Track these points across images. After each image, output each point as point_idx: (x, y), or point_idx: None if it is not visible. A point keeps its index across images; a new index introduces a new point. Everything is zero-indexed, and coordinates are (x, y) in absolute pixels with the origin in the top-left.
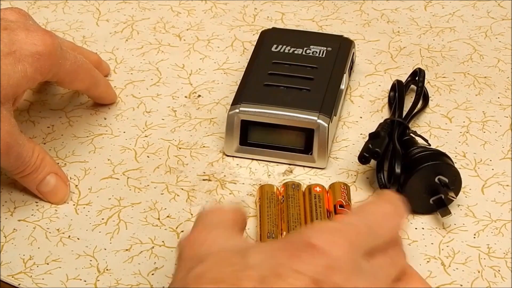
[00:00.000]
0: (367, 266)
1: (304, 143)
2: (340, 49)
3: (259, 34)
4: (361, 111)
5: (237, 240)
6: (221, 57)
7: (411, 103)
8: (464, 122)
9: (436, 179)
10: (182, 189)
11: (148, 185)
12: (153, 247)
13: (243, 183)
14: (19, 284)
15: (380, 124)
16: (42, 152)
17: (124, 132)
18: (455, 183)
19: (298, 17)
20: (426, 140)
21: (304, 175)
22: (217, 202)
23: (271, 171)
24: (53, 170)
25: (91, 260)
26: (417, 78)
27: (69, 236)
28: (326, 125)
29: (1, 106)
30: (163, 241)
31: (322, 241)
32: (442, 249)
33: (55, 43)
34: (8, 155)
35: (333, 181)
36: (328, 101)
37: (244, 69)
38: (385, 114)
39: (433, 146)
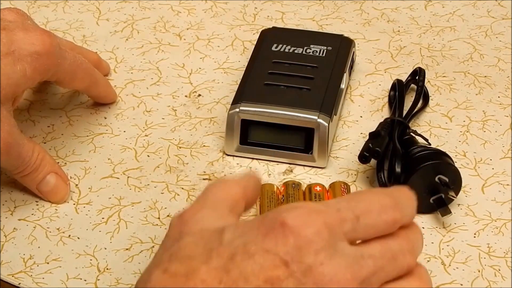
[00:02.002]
0: (349, 250)
1: (304, 143)
2: (340, 49)
3: (259, 33)
4: (361, 111)
5: (224, 222)
6: (221, 57)
7: (411, 103)
8: (464, 121)
9: (436, 179)
10: (182, 188)
11: (148, 185)
12: (153, 247)
13: None
14: (19, 284)
15: (380, 124)
16: (42, 152)
17: (124, 131)
18: (455, 182)
19: (298, 17)
20: (426, 140)
21: (304, 175)
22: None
23: (271, 170)
24: (53, 170)
25: (91, 260)
26: (417, 78)
27: (69, 236)
28: (326, 124)
29: (0, 106)
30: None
31: (296, 221)
32: (442, 249)
33: (54, 43)
34: (8, 155)
35: (334, 181)
36: (328, 101)
37: (244, 69)
38: (385, 113)
39: (433, 146)
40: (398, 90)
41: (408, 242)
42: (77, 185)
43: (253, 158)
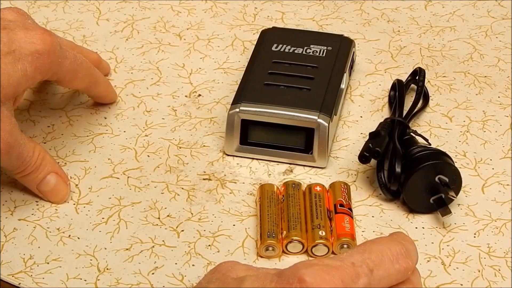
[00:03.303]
0: None
1: (304, 143)
2: (340, 49)
3: (259, 33)
4: (361, 111)
5: (248, 273)
6: (222, 57)
7: (411, 103)
8: (464, 121)
9: (436, 179)
10: (182, 188)
11: (148, 185)
12: (153, 247)
13: (243, 183)
14: (20, 284)
15: (380, 124)
16: (43, 152)
17: (124, 131)
18: (455, 182)
19: (299, 17)
20: (426, 140)
21: (305, 175)
22: None
23: (271, 170)
24: (54, 170)
25: (91, 260)
26: (417, 78)
27: (69, 236)
28: (327, 124)
29: (1, 106)
30: (163, 241)
31: (313, 278)
32: (443, 249)
33: (54, 42)
34: (9, 154)
35: (334, 181)
36: (328, 101)
37: (244, 69)
38: (385, 113)
39: (433, 146)
40: (398, 90)
41: (412, 286)
42: (77, 185)
43: (253, 158)
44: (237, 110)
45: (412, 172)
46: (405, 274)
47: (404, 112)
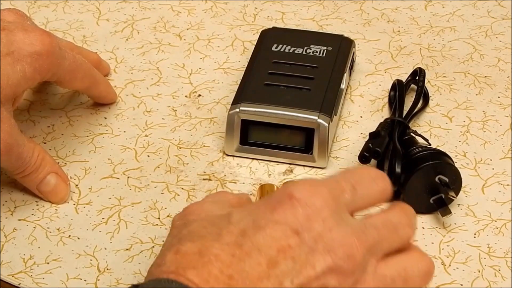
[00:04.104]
0: (353, 221)
1: (304, 143)
2: (340, 49)
3: (259, 33)
4: (361, 111)
5: (228, 210)
6: (222, 57)
7: (411, 103)
8: (464, 121)
9: (436, 179)
10: (182, 188)
11: (148, 185)
12: (153, 247)
13: (244, 183)
14: (20, 284)
15: (380, 124)
16: (42, 152)
17: (125, 131)
18: (455, 182)
19: (299, 17)
20: (426, 140)
21: (305, 175)
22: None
23: (272, 170)
24: (53, 170)
25: (91, 260)
26: (417, 78)
27: (70, 236)
28: (327, 124)
29: (1, 107)
30: (163, 241)
31: (302, 193)
32: (443, 249)
33: (54, 43)
34: (9, 155)
35: None
36: (328, 101)
37: (244, 69)
38: (385, 113)
39: (433, 146)
40: (398, 90)
41: (405, 216)
42: (77, 185)
43: (253, 158)
44: (237, 110)
45: (412, 172)
46: (385, 195)
47: (404, 112)
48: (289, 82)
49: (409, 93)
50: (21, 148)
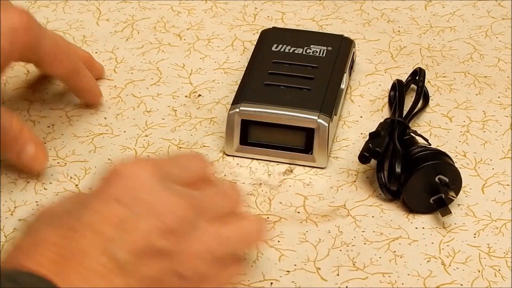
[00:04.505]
0: (177, 187)
1: (304, 143)
2: (340, 49)
3: (259, 33)
4: (361, 111)
5: None
6: (222, 57)
7: (411, 103)
8: (464, 121)
9: (436, 179)
10: None
11: None
12: None
13: (243, 183)
14: None
15: (380, 124)
16: (20, 122)
17: (125, 131)
18: (455, 182)
19: (299, 17)
20: (426, 140)
21: (304, 175)
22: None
23: (272, 170)
24: (32, 139)
25: None
26: (417, 78)
27: None
28: (327, 124)
29: None
30: None
31: (124, 168)
32: (443, 249)
33: (32, 20)
34: None
35: (334, 181)
36: (328, 101)
37: (244, 69)
38: (385, 113)
39: (433, 146)
40: (398, 90)
41: (224, 190)
42: (77, 185)
43: (253, 158)
44: (237, 110)
45: (412, 172)
46: (202, 171)
47: (404, 112)
48: (289, 82)
49: (409, 93)
50: None
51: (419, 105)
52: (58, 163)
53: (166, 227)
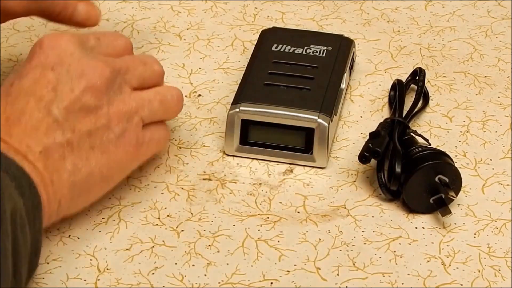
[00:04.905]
0: (100, 56)
1: (304, 143)
2: (340, 49)
3: (259, 33)
4: (361, 111)
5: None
6: (222, 57)
7: (411, 103)
8: (464, 121)
9: (436, 179)
10: (182, 188)
11: (148, 185)
12: (153, 247)
13: (243, 183)
14: None
15: (380, 124)
16: None
17: None
18: (455, 182)
19: (299, 17)
20: (426, 140)
21: (304, 175)
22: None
23: (271, 170)
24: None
25: (91, 260)
26: (417, 78)
27: (69, 236)
28: (327, 124)
29: None
30: (163, 241)
31: (49, 38)
32: (443, 249)
33: None
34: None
35: (334, 180)
36: (328, 101)
37: (244, 69)
38: (385, 113)
39: (433, 146)
40: (398, 90)
41: (151, 57)
42: None
43: (253, 158)
44: (237, 110)
45: (412, 172)
46: (128, 46)
47: (404, 112)
48: (289, 82)
49: (409, 93)
50: None
51: (419, 105)
52: None
53: (93, 86)
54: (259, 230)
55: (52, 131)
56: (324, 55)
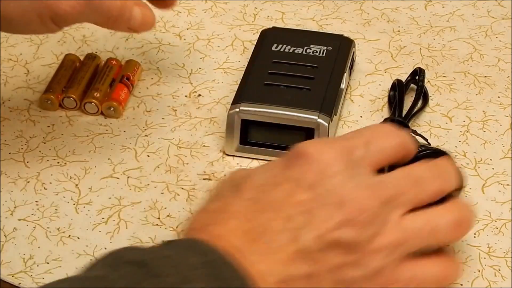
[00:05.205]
0: (369, 175)
1: None
2: (340, 49)
3: (259, 33)
4: (361, 111)
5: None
6: (221, 57)
7: (411, 103)
8: (464, 121)
9: None
10: (182, 188)
11: (148, 185)
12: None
13: None
14: (20, 284)
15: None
16: None
17: (124, 131)
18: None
19: (299, 17)
20: (426, 139)
21: None
22: None
23: None
24: (134, 3)
25: (91, 260)
26: (417, 78)
27: (69, 236)
28: (326, 124)
29: None
30: (163, 241)
31: (313, 149)
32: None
33: None
34: (90, 8)
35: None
36: (328, 101)
37: (244, 69)
38: (385, 113)
39: (433, 146)
40: (398, 90)
41: (434, 168)
42: (77, 185)
43: (253, 158)
44: (237, 110)
45: None
46: (401, 150)
47: (404, 112)
48: (289, 82)
49: (409, 93)
50: None
51: (419, 105)
52: (58, 163)
53: (352, 220)
54: None
55: (295, 261)
56: (324, 55)
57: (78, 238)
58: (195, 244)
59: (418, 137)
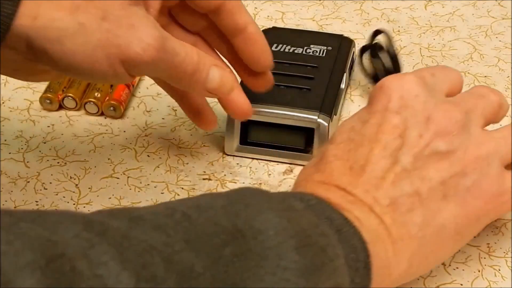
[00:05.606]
0: (443, 96)
1: (304, 143)
2: (340, 49)
3: None
4: None
5: None
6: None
7: None
8: None
9: None
10: (182, 188)
11: (148, 184)
12: None
13: (243, 183)
14: None
15: None
16: (195, 47)
17: (124, 131)
18: None
19: (298, 17)
20: None
21: None
22: None
23: (271, 170)
24: (212, 62)
25: None
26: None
27: None
28: (327, 124)
29: (133, 6)
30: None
31: (390, 81)
32: None
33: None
34: (164, 51)
35: None
36: (328, 100)
37: None
38: None
39: None
40: None
41: (484, 87)
42: (77, 185)
43: (253, 158)
44: None
45: None
46: (461, 80)
47: None
48: (289, 82)
49: None
50: (173, 41)
51: None
52: (58, 163)
53: (443, 130)
54: None
55: (400, 181)
56: (324, 55)
57: None
58: (302, 196)
59: None
